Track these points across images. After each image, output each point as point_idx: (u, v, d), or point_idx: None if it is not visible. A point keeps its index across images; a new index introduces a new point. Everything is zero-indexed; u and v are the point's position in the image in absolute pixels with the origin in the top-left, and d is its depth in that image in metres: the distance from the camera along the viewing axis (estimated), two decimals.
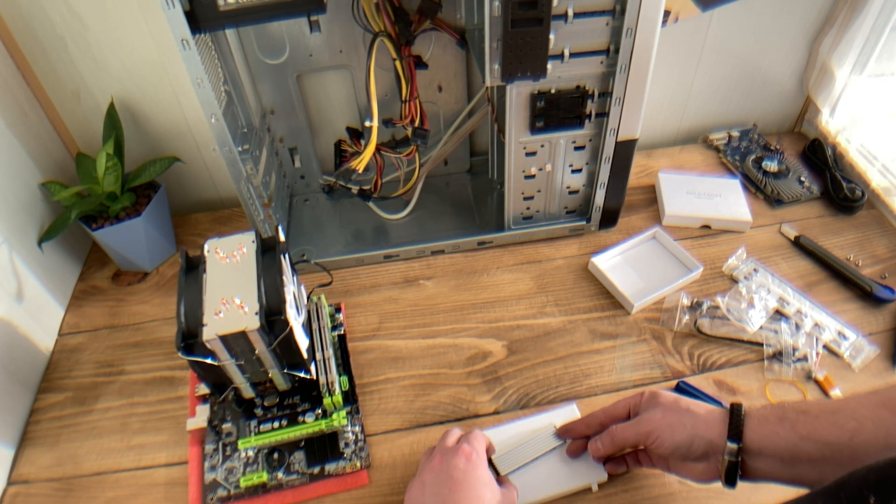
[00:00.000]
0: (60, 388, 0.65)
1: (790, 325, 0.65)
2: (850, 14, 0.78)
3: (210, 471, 0.56)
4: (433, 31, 0.69)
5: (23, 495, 0.57)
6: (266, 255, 0.57)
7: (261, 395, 0.60)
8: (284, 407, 0.60)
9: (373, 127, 0.67)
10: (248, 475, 0.55)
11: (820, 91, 0.87)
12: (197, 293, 0.54)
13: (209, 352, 0.51)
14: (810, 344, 0.63)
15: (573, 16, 0.57)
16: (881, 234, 0.77)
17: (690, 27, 0.80)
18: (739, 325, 0.65)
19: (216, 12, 0.52)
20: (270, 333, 0.52)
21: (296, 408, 0.59)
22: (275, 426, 0.58)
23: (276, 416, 0.59)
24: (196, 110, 0.76)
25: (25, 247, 0.68)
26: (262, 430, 0.58)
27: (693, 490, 0.53)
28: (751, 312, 0.66)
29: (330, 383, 0.57)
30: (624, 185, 0.74)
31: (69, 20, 0.67)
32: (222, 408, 0.60)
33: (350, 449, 0.57)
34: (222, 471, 0.56)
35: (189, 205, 0.87)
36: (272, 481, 0.55)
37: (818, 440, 0.41)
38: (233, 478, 0.55)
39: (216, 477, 0.55)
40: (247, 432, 0.58)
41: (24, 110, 0.71)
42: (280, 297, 0.53)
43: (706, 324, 0.66)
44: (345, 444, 0.57)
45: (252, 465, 0.56)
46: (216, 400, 0.60)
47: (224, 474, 0.55)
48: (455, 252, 0.77)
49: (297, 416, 0.59)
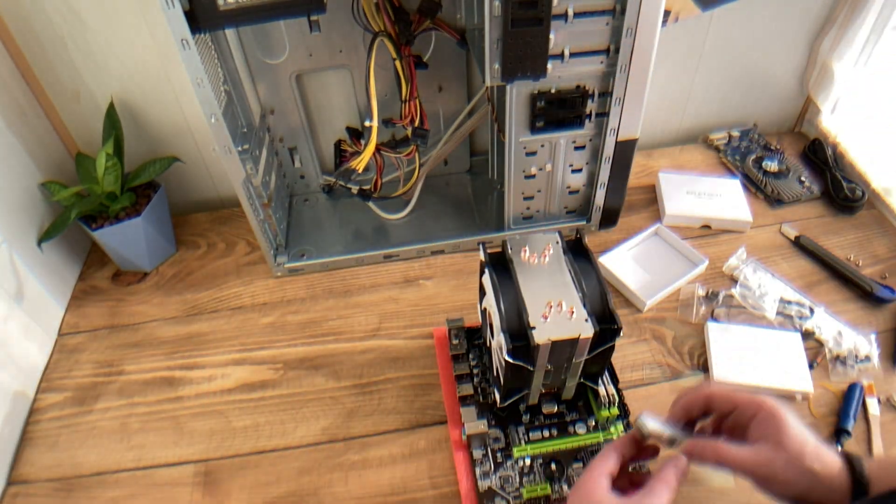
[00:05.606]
0: (60, 388, 0.65)
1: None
2: (850, 14, 0.78)
3: (483, 478, 0.53)
4: (433, 31, 0.69)
5: (23, 495, 0.57)
6: (576, 258, 0.54)
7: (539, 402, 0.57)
8: (553, 416, 0.57)
9: (373, 127, 0.67)
10: (529, 486, 0.52)
11: (820, 91, 0.87)
12: (514, 293, 0.51)
13: (530, 356, 0.49)
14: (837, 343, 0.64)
15: (573, 16, 0.57)
16: (881, 234, 0.77)
17: (690, 27, 0.80)
18: (757, 312, 0.66)
19: (216, 12, 0.52)
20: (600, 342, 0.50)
21: (564, 417, 0.57)
22: (545, 435, 0.55)
23: (545, 425, 0.56)
24: (196, 110, 0.76)
25: (25, 247, 0.68)
26: (533, 438, 0.55)
27: (693, 490, 0.53)
28: (765, 300, 0.67)
29: (610, 395, 0.56)
30: (624, 185, 0.73)
31: (69, 20, 0.67)
32: (485, 412, 0.57)
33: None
34: (496, 479, 0.53)
35: (189, 205, 0.87)
36: (555, 494, 0.52)
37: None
38: (510, 487, 0.52)
39: (491, 485, 0.53)
40: (517, 440, 0.55)
41: (24, 110, 0.70)
42: (606, 304, 0.50)
43: (723, 313, 0.67)
44: None
45: (528, 474, 0.53)
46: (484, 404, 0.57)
47: (499, 483, 0.53)
48: (455, 252, 0.77)
49: (567, 427, 0.56)
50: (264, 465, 0.58)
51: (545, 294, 0.50)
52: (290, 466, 0.57)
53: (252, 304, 0.73)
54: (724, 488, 0.53)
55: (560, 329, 0.48)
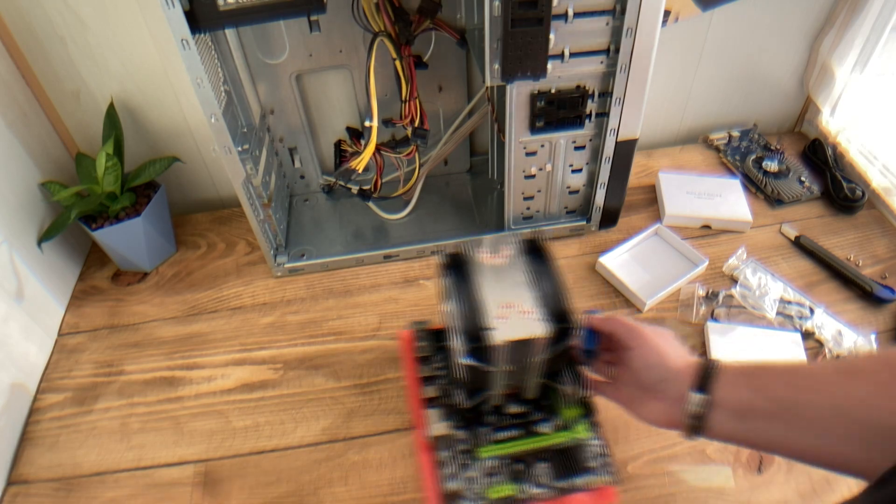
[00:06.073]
0: (60, 388, 0.65)
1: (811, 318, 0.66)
2: (850, 14, 0.78)
3: (449, 480, 0.52)
4: (433, 31, 0.69)
5: (23, 495, 0.57)
6: (533, 258, 0.54)
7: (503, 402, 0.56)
8: (517, 416, 0.56)
9: (373, 127, 0.67)
10: (494, 487, 0.52)
11: (820, 91, 0.87)
12: (471, 295, 0.51)
13: (487, 357, 0.49)
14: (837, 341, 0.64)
15: (573, 16, 0.57)
16: (881, 234, 0.77)
17: (690, 27, 0.80)
18: (757, 312, 0.66)
19: (216, 12, 0.52)
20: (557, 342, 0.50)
21: (528, 417, 0.56)
22: (510, 435, 0.55)
23: (510, 425, 0.55)
24: (196, 110, 0.76)
25: (25, 247, 0.68)
26: (498, 438, 0.55)
27: (693, 490, 0.53)
28: (765, 300, 0.67)
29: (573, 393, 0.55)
30: (624, 185, 0.73)
31: (69, 20, 0.67)
32: (450, 413, 0.56)
33: (597, 462, 0.53)
34: (462, 480, 0.52)
35: (189, 205, 0.87)
36: (521, 494, 0.52)
37: (771, 396, 0.41)
38: (476, 488, 0.52)
39: (457, 486, 0.52)
40: (483, 441, 0.55)
41: (24, 110, 0.70)
42: (563, 304, 0.51)
43: (723, 313, 0.67)
44: (590, 456, 0.54)
45: (494, 475, 0.53)
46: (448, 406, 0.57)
47: (465, 484, 0.52)
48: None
49: (532, 426, 0.55)
50: (264, 465, 0.58)
51: (502, 295, 0.51)
52: (290, 466, 0.57)
53: (252, 304, 0.73)
54: (724, 488, 0.53)
55: (516, 329, 0.48)
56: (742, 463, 0.55)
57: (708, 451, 0.56)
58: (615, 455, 0.56)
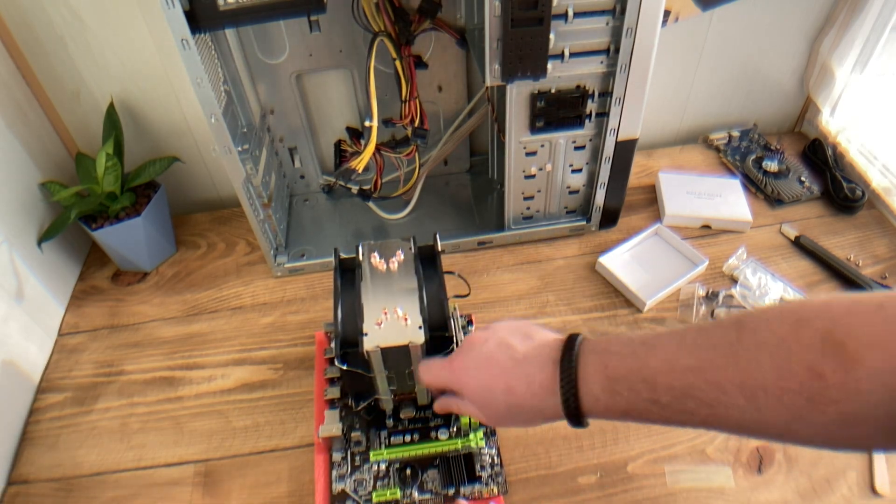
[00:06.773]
0: (60, 388, 0.65)
1: None
2: (850, 14, 0.78)
3: (338, 481, 0.53)
4: (433, 31, 0.69)
5: (23, 495, 0.57)
6: (425, 265, 0.55)
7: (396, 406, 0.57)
8: (416, 420, 0.57)
9: (373, 127, 0.67)
10: (380, 490, 0.53)
11: (820, 91, 0.87)
12: (354, 299, 0.51)
13: (365, 362, 0.49)
14: None
15: (573, 15, 0.57)
16: (881, 234, 0.77)
17: (690, 27, 0.80)
18: None
19: (216, 12, 0.52)
20: (433, 349, 0.50)
21: (428, 422, 0.57)
22: (406, 440, 0.56)
23: (408, 430, 0.56)
24: (196, 110, 0.76)
25: (25, 247, 0.68)
26: (394, 442, 0.56)
27: (693, 490, 0.53)
28: (765, 300, 0.67)
29: None
30: (624, 185, 0.73)
31: (69, 20, 0.67)
32: (351, 415, 0.57)
33: (487, 472, 0.54)
34: (351, 482, 0.53)
35: (189, 205, 0.87)
36: (405, 499, 0.52)
37: None
38: (363, 490, 0.53)
39: (345, 488, 0.53)
40: (377, 444, 0.56)
41: (24, 110, 0.70)
42: (444, 312, 0.51)
43: (723, 313, 0.67)
44: (481, 466, 0.54)
45: (383, 478, 0.54)
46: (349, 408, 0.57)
47: (353, 486, 0.53)
48: (455, 252, 0.77)
49: (430, 432, 0.56)
50: (264, 465, 0.58)
51: (385, 300, 0.51)
52: (290, 466, 0.57)
53: (252, 304, 0.73)
54: (724, 488, 0.53)
55: (390, 336, 0.48)
56: (742, 463, 0.55)
57: (708, 451, 0.56)
58: (614, 455, 0.56)
